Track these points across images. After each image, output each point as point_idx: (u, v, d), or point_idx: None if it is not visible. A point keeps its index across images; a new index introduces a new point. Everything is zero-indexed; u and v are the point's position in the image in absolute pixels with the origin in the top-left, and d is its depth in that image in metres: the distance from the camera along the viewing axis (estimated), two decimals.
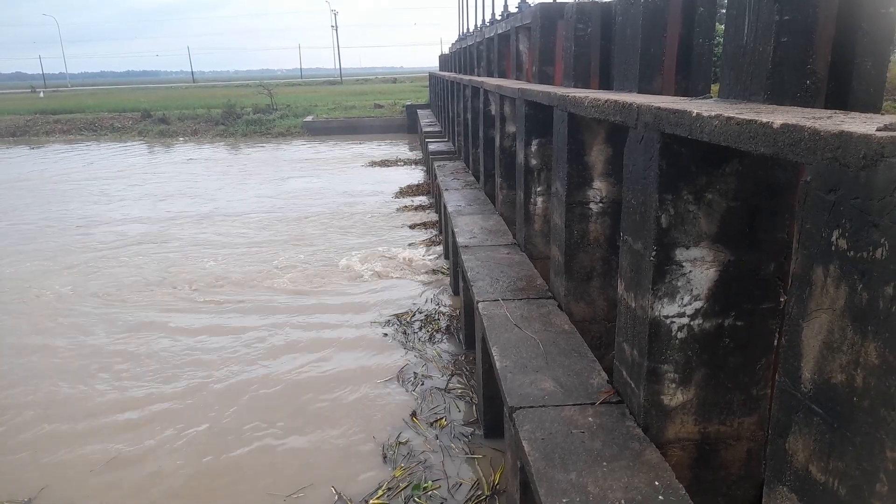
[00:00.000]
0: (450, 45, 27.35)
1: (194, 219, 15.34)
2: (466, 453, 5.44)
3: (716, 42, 4.33)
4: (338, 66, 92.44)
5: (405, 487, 4.99)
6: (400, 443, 5.64)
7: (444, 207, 9.39)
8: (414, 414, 6.03)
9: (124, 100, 51.78)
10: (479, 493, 4.92)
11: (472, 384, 6.53)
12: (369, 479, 5.20)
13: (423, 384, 6.71)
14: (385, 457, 5.47)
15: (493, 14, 14.51)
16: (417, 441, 5.69)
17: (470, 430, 5.77)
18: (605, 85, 5.22)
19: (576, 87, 5.41)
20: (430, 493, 4.94)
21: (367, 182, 19.37)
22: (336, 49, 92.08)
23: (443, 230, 11.32)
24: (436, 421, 5.91)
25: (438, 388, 6.56)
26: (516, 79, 8.70)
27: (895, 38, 2.66)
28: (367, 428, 5.98)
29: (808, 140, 1.81)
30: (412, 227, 13.45)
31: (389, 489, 5.01)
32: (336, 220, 14.51)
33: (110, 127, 38.99)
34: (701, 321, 3.07)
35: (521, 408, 3.59)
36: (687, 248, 2.99)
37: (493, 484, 4.98)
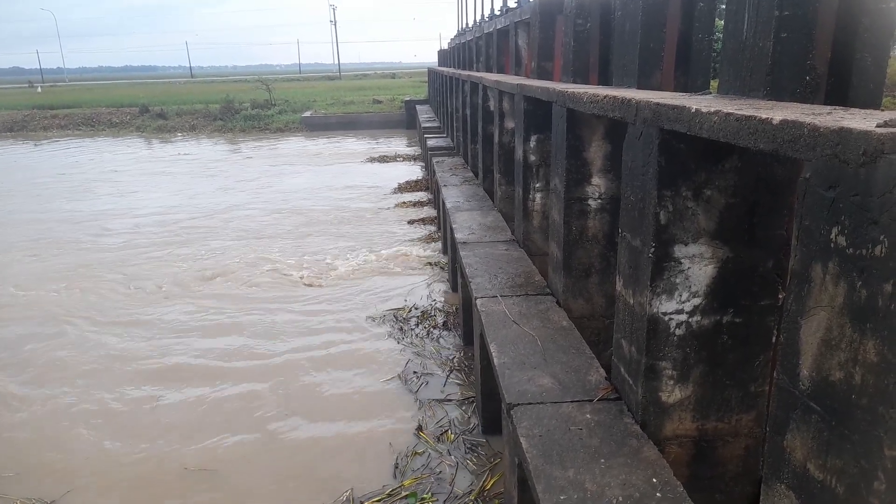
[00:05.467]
0: (449, 41, 27.28)
1: (197, 216, 15.33)
2: (471, 462, 5.32)
3: (715, 38, 4.31)
4: (336, 62, 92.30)
5: (405, 496, 4.95)
6: (417, 453, 5.53)
7: (443, 203, 9.37)
8: (420, 428, 5.86)
9: (122, 95, 51.63)
10: (469, 500, 4.84)
11: (472, 380, 6.52)
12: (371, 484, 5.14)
13: (426, 384, 6.65)
14: (397, 466, 5.38)
15: (493, 9, 14.46)
16: (419, 446, 5.62)
17: (480, 440, 5.64)
18: (604, 80, 5.21)
19: (575, 82, 5.39)
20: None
21: (365, 178, 19.32)
22: (335, 44, 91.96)
23: (441, 226, 11.31)
24: (442, 433, 5.78)
25: (438, 392, 6.46)
26: (515, 74, 8.68)
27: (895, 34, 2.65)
28: (369, 433, 5.91)
29: (807, 136, 1.80)
30: (410, 222, 13.42)
31: (390, 495, 4.97)
32: (334, 216, 14.47)
33: (108, 122, 38.86)
34: (699, 318, 3.06)
35: (519, 404, 3.58)
36: (685, 245, 2.98)
37: (485, 489, 4.90)
